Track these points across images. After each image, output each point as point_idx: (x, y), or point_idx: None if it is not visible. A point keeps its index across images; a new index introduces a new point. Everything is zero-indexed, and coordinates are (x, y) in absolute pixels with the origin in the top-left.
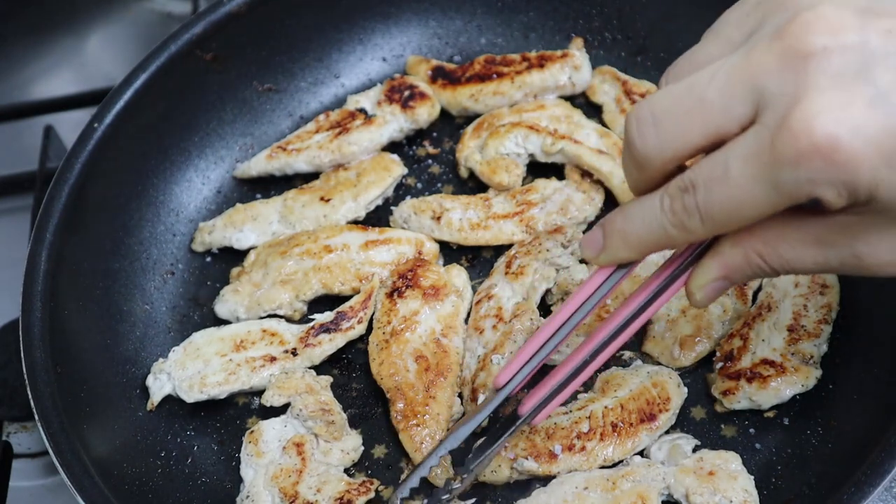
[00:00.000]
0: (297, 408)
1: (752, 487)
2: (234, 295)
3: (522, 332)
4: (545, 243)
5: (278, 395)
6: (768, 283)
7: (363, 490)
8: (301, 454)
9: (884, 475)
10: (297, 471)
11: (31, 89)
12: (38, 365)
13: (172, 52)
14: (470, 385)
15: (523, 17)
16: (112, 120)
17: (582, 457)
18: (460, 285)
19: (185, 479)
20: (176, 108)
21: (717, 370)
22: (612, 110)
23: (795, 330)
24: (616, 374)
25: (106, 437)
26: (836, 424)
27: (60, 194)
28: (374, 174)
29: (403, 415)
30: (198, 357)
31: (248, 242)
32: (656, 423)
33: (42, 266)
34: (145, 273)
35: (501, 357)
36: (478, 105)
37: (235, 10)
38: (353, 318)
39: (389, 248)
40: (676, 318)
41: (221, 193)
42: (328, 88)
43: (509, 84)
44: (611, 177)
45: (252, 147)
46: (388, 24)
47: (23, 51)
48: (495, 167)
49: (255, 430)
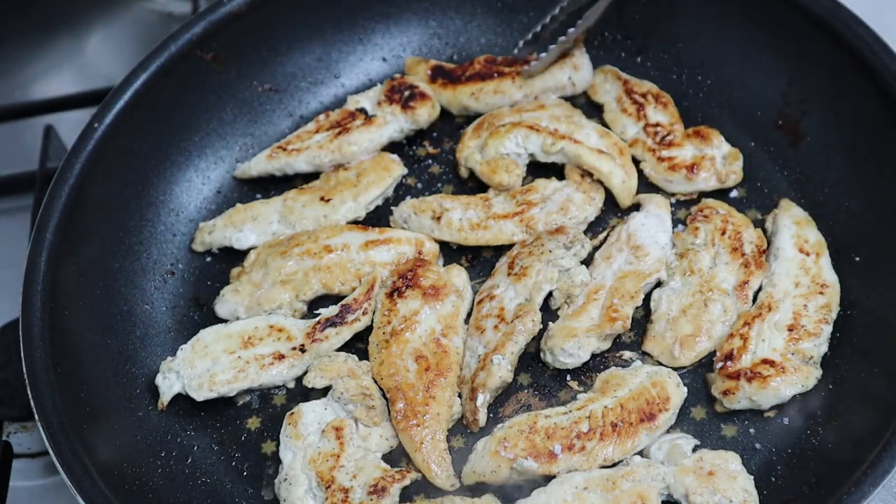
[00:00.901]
0: (338, 391)
1: (751, 487)
2: (235, 295)
3: (524, 333)
4: (547, 244)
5: (320, 378)
6: (768, 283)
7: (398, 477)
8: (339, 438)
9: (884, 475)
10: (335, 455)
11: (31, 89)
12: (38, 365)
13: (172, 52)
14: (469, 384)
15: (523, 17)
16: (112, 120)
17: (582, 457)
18: (460, 285)
19: (185, 479)
20: (176, 108)
21: (717, 370)
22: (612, 110)
23: (795, 330)
24: (616, 374)
25: (106, 438)
26: (836, 424)
27: (60, 194)
28: (374, 174)
29: (403, 414)
30: (206, 355)
31: (248, 242)
32: (656, 422)
33: (42, 266)
34: (145, 273)
35: (502, 357)
36: (478, 104)
37: (235, 10)
38: (357, 311)
39: (389, 248)
40: (676, 317)
41: (221, 193)
42: (328, 88)
43: (510, 83)
44: (611, 177)
45: (252, 147)
46: (388, 24)
47: (23, 51)
48: (495, 167)
49: (296, 412)
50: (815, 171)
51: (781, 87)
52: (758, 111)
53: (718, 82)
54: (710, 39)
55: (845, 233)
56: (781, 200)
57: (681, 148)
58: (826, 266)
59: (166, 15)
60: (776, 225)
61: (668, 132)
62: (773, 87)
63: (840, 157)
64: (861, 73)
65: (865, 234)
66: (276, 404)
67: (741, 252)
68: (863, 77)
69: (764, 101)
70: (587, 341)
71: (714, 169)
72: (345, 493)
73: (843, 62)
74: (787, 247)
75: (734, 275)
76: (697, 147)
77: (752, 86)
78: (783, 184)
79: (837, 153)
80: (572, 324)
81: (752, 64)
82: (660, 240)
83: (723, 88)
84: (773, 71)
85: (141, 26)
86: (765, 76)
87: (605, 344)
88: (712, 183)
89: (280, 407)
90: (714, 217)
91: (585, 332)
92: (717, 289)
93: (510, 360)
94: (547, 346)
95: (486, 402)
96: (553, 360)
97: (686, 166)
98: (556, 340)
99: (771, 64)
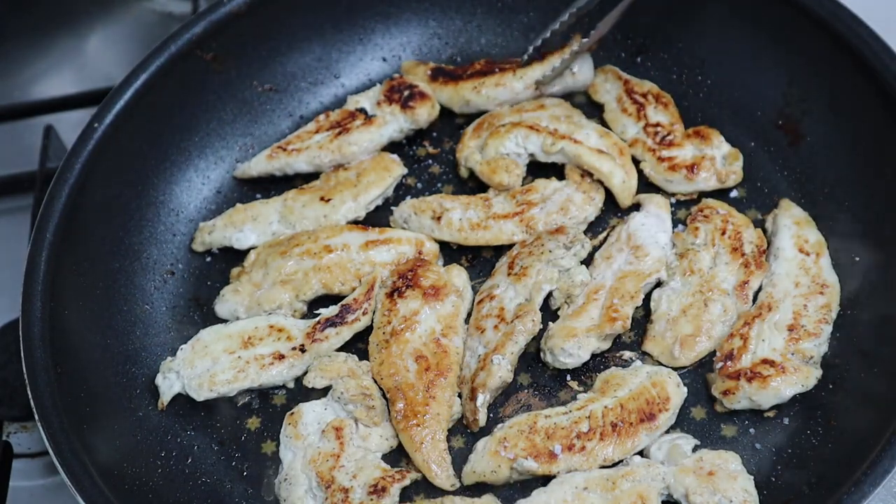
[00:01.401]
0: (338, 391)
1: (751, 487)
2: (234, 295)
3: (524, 333)
4: (547, 244)
5: (320, 378)
6: (768, 283)
7: (398, 477)
8: (339, 438)
9: (884, 475)
10: (335, 455)
11: (31, 89)
12: (38, 365)
13: (172, 52)
14: (469, 384)
15: (523, 17)
16: (112, 120)
17: (582, 457)
18: (460, 285)
19: (185, 479)
20: (176, 108)
21: (717, 370)
22: (613, 109)
23: (795, 330)
24: (616, 374)
25: (106, 437)
26: (836, 424)
27: (60, 194)
28: (374, 174)
29: (403, 415)
30: (206, 355)
31: (248, 242)
32: (656, 422)
33: (42, 266)
34: (145, 273)
35: (502, 357)
36: (480, 97)
37: (235, 10)
38: (357, 311)
39: (389, 248)
40: (676, 317)
41: (221, 193)
42: (328, 88)
43: (511, 76)
44: (611, 177)
45: (252, 147)
46: (388, 24)
47: (23, 51)
48: (495, 167)
49: (296, 412)
50: (815, 171)
51: (781, 87)
52: (758, 111)
53: (718, 82)
54: (710, 39)
55: (845, 233)
56: (781, 200)
57: (681, 148)
58: (826, 266)
59: (166, 15)
60: (776, 225)
61: (668, 132)
62: (773, 87)
63: (840, 157)
64: (861, 73)
65: (865, 234)
66: (276, 404)
67: (741, 252)
68: (863, 77)
69: (764, 101)
70: (587, 341)
71: (714, 169)
72: (345, 493)
73: (843, 62)
74: (787, 247)
75: (734, 275)
76: (697, 147)
77: (752, 86)
78: (783, 184)
79: (837, 153)
80: (572, 324)
81: (752, 64)
82: (660, 240)
83: (723, 88)
84: (773, 71)
85: (141, 26)
86: (765, 76)
87: (605, 344)
88: (712, 183)
89: (280, 407)
90: (714, 217)
91: (585, 332)
92: (717, 289)
93: (510, 360)
94: (547, 346)
95: (487, 402)
96: (553, 360)
97: (686, 166)
98: (557, 340)
99: (771, 64)
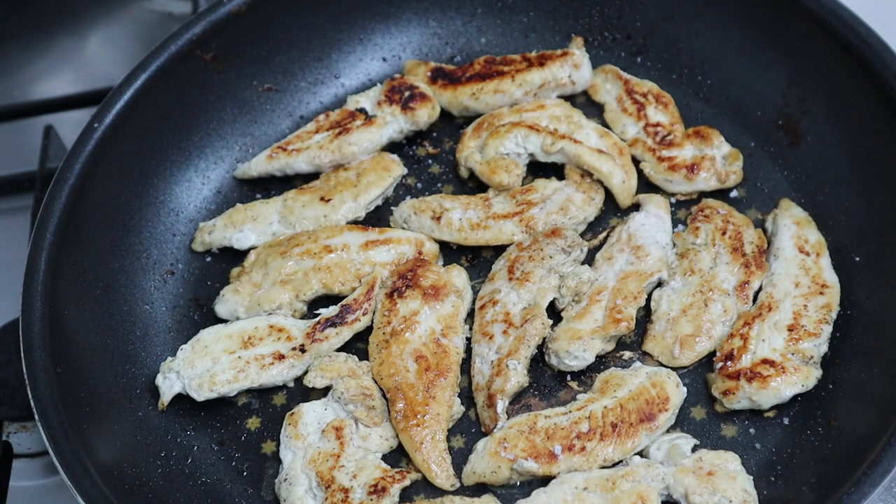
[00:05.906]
0: (338, 391)
1: (751, 487)
2: (234, 295)
3: (536, 336)
4: (546, 249)
5: (321, 378)
6: (768, 283)
7: (398, 478)
8: (339, 438)
9: (884, 475)
10: (335, 455)
11: (31, 89)
12: (38, 365)
13: (172, 52)
14: (485, 391)
15: (523, 17)
16: (112, 120)
17: (582, 457)
18: (460, 285)
19: (185, 479)
20: (176, 108)
21: (717, 370)
22: (613, 109)
23: (795, 330)
24: (616, 374)
25: (106, 437)
26: (836, 424)
27: (60, 194)
28: (374, 174)
29: (403, 415)
30: (206, 355)
31: (248, 242)
32: (656, 422)
33: (42, 266)
34: (145, 273)
35: (517, 362)
36: (478, 103)
37: (235, 10)
38: (357, 311)
39: (389, 248)
40: (676, 317)
41: (221, 193)
42: (328, 88)
43: (510, 82)
44: (611, 177)
45: (252, 147)
46: (388, 24)
47: (23, 51)
48: (495, 167)
49: (296, 412)
50: (815, 171)
51: (781, 87)
52: (758, 111)
53: (718, 82)
54: (710, 39)
55: (845, 233)
56: (781, 200)
57: (681, 148)
58: (826, 266)
59: (166, 15)
60: (776, 225)
61: (668, 132)
62: (773, 87)
63: (840, 157)
64: (861, 73)
65: (865, 234)
66: (276, 404)
67: (741, 252)
68: (863, 77)
69: (764, 101)
70: (592, 343)
71: (714, 169)
72: (345, 493)
73: (843, 62)
74: (788, 247)
75: (734, 275)
76: (697, 147)
77: (752, 86)
78: (783, 184)
79: (837, 153)
80: (577, 326)
81: (752, 64)
82: (660, 240)
83: (723, 88)
84: (773, 71)
85: (141, 26)
86: (765, 76)
87: (610, 345)
88: (712, 183)
89: (280, 407)
90: (714, 217)
91: (590, 334)
92: (717, 289)
93: (525, 363)
94: (552, 348)
95: (506, 407)
96: (558, 362)
97: (686, 166)
98: (561, 343)
99: (771, 64)
